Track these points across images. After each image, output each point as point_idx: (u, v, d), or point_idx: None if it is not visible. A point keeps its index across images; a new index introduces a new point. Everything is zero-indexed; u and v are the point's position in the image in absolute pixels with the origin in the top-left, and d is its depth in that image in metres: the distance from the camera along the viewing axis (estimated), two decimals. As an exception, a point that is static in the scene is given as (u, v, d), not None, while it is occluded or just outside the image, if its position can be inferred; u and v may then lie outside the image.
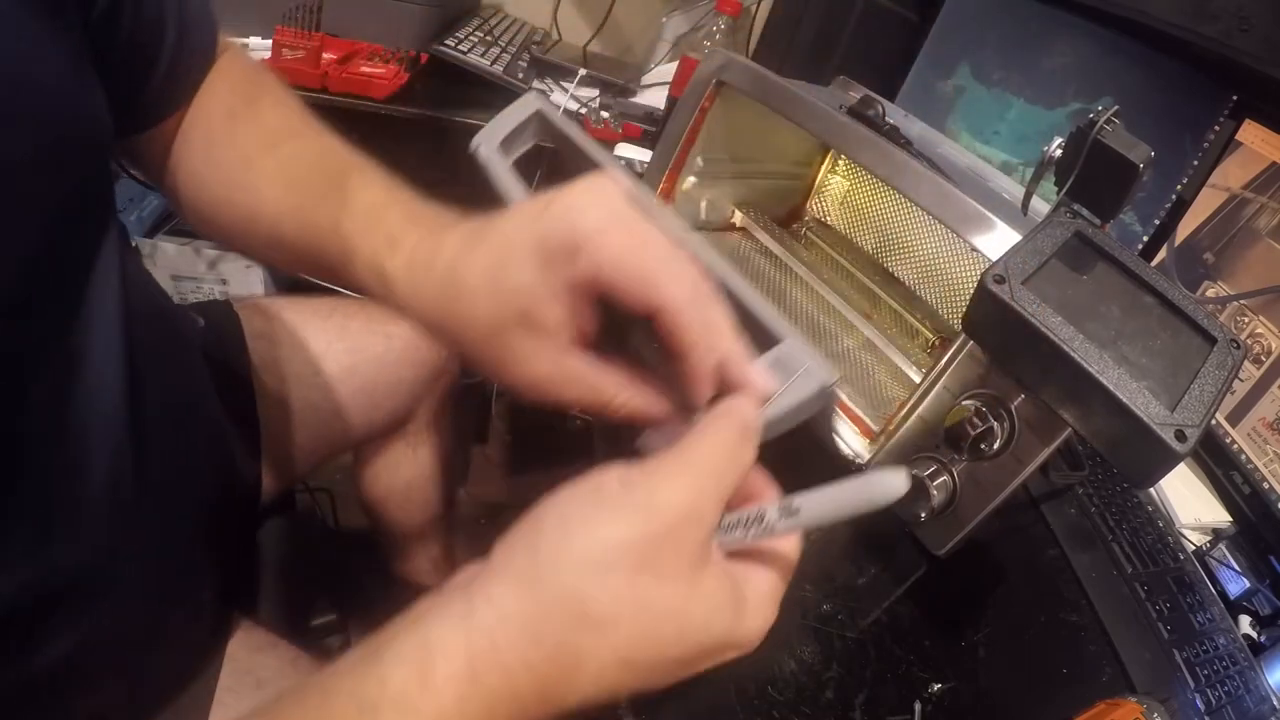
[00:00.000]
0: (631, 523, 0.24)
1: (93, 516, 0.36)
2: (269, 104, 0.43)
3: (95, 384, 0.34)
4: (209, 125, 0.42)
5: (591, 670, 0.24)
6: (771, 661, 0.44)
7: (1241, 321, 0.76)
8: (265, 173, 0.39)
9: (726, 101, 0.72)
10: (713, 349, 0.28)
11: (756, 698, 0.42)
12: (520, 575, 0.24)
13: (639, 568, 0.23)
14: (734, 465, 0.26)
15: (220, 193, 0.41)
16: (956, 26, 1.04)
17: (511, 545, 0.25)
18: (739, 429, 0.27)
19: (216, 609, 0.50)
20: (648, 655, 0.24)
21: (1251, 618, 0.64)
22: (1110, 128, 0.46)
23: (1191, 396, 0.41)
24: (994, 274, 0.45)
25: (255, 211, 0.39)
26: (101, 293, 0.35)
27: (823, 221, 0.93)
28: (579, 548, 0.24)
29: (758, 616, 0.26)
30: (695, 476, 0.25)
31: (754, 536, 0.26)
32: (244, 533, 0.62)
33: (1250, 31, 0.69)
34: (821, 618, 0.48)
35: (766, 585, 0.27)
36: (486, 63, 1.05)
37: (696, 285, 0.29)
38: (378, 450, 0.78)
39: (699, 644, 0.25)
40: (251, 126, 0.42)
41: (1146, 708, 0.44)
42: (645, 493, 0.24)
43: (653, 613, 0.24)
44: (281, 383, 0.63)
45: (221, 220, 0.41)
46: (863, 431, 0.61)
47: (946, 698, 0.46)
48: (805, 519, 0.25)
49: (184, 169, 0.42)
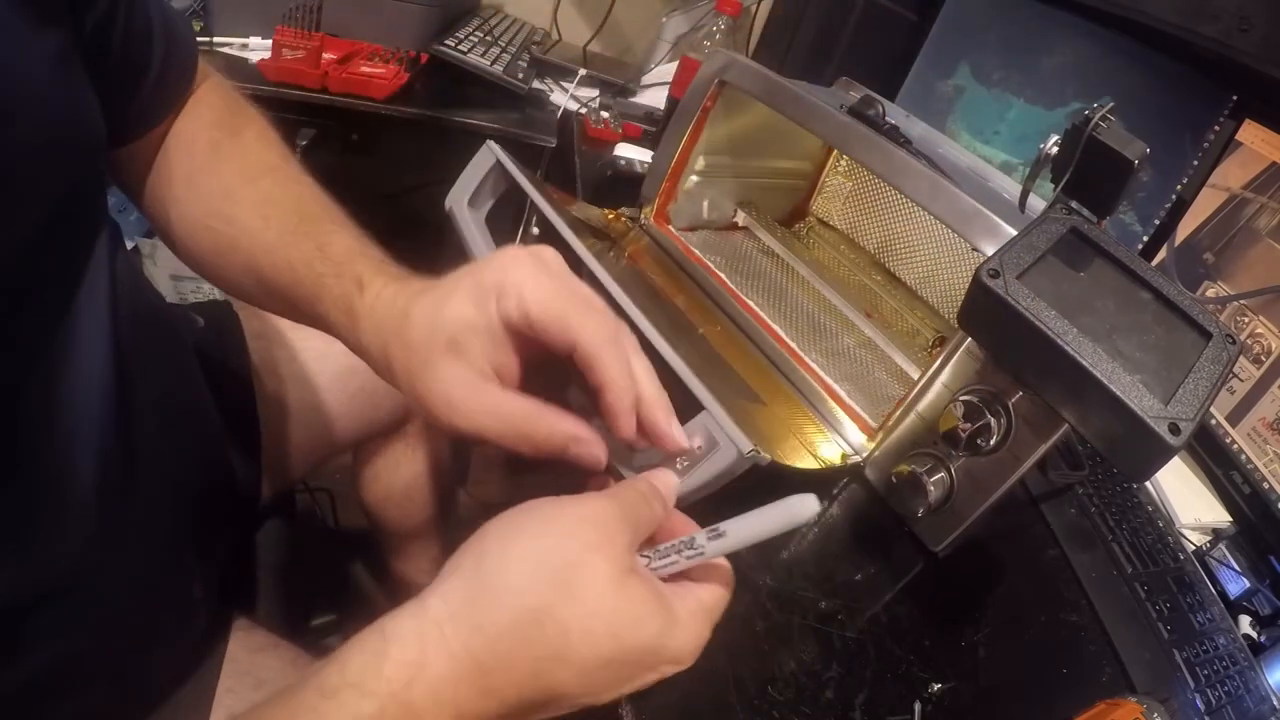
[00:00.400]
0: (561, 532, 0.28)
1: (80, 513, 0.36)
2: (252, 137, 0.45)
3: (83, 382, 0.35)
4: (192, 153, 0.43)
5: (528, 660, 0.26)
6: (771, 661, 0.44)
7: (1241, 321, 0.76)
8: (245, 205, 0.41)
9: (728, 101, 0.72)
10: (628, 388, 0.32)
11: (756, 698, 0.42)
12: (467, 576, 0.27)
13: (569, 567, 0.27)
14: (644, 505, 0.30)
15: (200, 220, 0.42)
16: (956, 26, 1.04)
17: (462, 553, 0.28)
18: (649, 485, 0.32)
19: (212, 608, 0.50)
20: (583, 651, 0.26)
21: (1251, 618, 0.64)
22: (1106, 124, 0.46)
23: (1186, 390, 0.42)
24: (989, 268, 0.45)
25: (233, 242, 0.41)
26: (91, 292, 0.35)
27: (825, 221, 0.93)
28: (517, 552, 0.27)
29: (689, 630, 0.29)
30: (609, 501, 0.29)
31: (687, 559, 0.29)
32: (241, 532, 0.62)
33: (1250, 31, 0.69)
34: (821, 617, 0.48)
35: (695, 603, 0.30)
36: (486, 63, 1.05)
37: (613, 328, 0.32)
38: (377, 451, 0.78)
39: (632, 645, 0.27)
40: (234, 159, 0.43)
41: (1146, 708, 0.44)
42: (574, 506, 0.29)
43: (586, 608, 0.26)
44: (281, 383, 0.63)
45: (200, 247, 0.43)
46: (862, 428, 0.62)
47: (946, 698, 0.46)
48: (731, 540, 0.29)
49: (168, 194, 0.44)
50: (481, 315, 0.32)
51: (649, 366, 0.34)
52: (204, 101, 0.45)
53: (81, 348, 0.34)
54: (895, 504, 0.57)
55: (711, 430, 0.34)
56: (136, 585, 0.41)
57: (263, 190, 0.42)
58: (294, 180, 0.43)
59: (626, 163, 1.01)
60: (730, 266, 0.76)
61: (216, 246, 0.42)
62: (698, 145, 0.75)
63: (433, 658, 0.25)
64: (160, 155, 0.44)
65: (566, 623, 0.26)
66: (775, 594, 0.48)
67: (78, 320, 0.34)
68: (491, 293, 0.32)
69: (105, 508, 0.37)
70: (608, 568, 0.27)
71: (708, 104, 0.71)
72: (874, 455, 0.59)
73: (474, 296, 0.32)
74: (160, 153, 0.44)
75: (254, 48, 0.95)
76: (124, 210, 1.08)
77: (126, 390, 0.38)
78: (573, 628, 0.26)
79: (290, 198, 0.41)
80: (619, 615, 0.27)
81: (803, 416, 0.63)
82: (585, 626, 0.26)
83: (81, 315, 0.34)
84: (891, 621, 0.50)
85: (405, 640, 0.26)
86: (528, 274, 0.32)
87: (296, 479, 0.68)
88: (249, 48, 0.95)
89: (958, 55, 1.03)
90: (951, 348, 0.55)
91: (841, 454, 0.60)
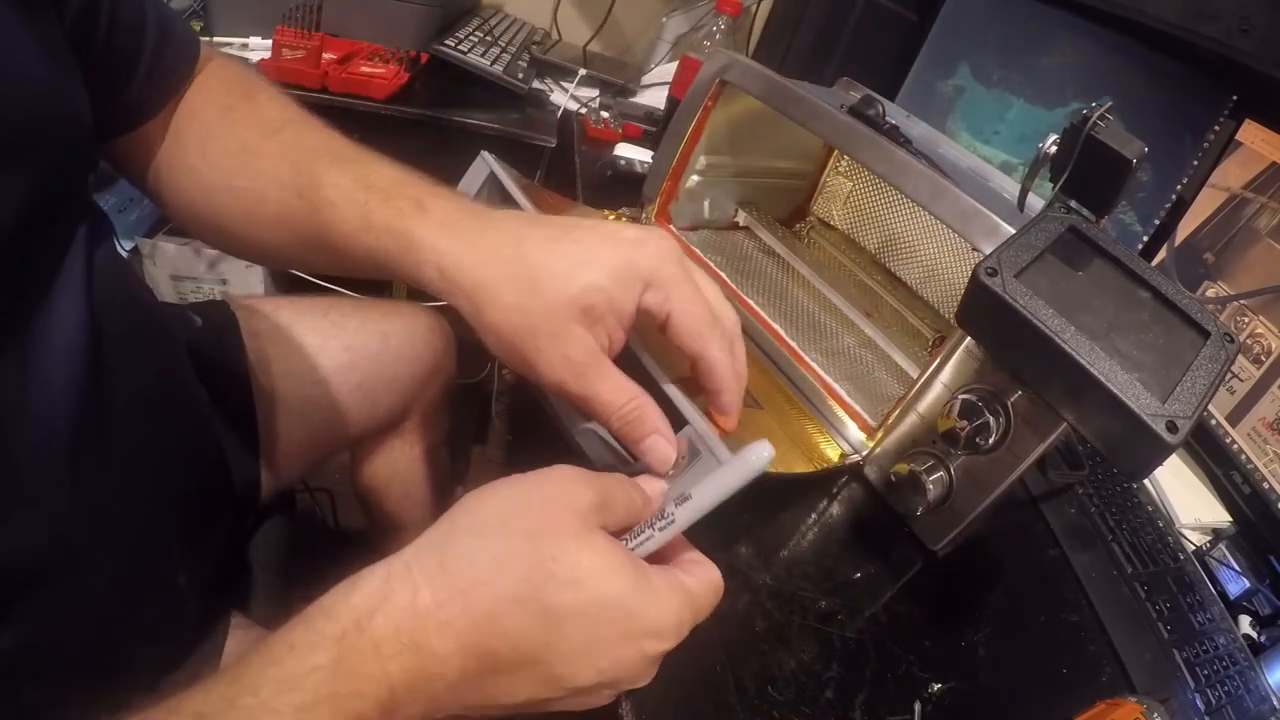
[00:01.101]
0: (531, 484, 0.29)
1: (53, 492, 0.35)
2: (265, 99, 0.43)
3: (55, 369, 0.34)
4: (205, 120, 0.42)
5: (488, 599, 0.26)
6: (771, 661, 0.44)
7: (1241, 321, 0.76)
8: (270, 156, 0.40)
9: (729, 101, 0.72)
10: (734, 403, 0.36)
11: (756, 698, 0.42)
12: (441, 526, 0.29)
13: (535, 515, 0.28)
14: (618, 485, 0.31)
15: (220, 182, 0.41)
16: (956, 26, 1.04)
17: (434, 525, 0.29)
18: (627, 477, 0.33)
19: (204, 601, 0.50)
20: (543, 597, 0.26)
21: (1251, 618, 0.64)
22: (1104, 124, 0.46)
23: (1183, 389, 0.42)
24: (987, 266, 0.45)
25: (260, 195, 0.39)
26: (67, 282, 0.35)
27: (826, 221, 0.93)
28: (487, 505, 0.29)
29: (666, 602, 0.28)
30: (580, 469, 0.30)
31: (661, 529, 0.30)
32: (237, 528, 0.62)
33: (1250, 31, 0.69)
34: (821, 616, 0.48)
35: (675, 580, 0.30)
36: (486, 63, 1.05)
37: (731, 340, 0.35)
38: (374, 448, 0.78)
39: (598, 598, 0.27)
40: (250, 118, 0.42)
41: (1146, 708, 0.44)
42: (547, 470, 0.30)
43: (547, 551, 0.27)
44: (278, 379, 0.63)
45: (224, 212, 0.42)
46: (861, 427, 0.62)
47: (946, 698, 0.46)
48: (700, 501, 0.30)
49: (179, 166, 0.43)
50: (623, 296, 0.32)
51: (744, 374, 0.36)
52: (212, 75, 0.45)
53: (54, 337, 0.34)
54: (895, 503, 0.57)
55: (695, 443, 0.35)
56: (115, 573, 0.40)
57: (286, 140, 0.40)
58: (318, 129, 0.42)
59: (627, 163, 1.01)
60: (731, 266, 0.76)
61: (242, 207, 0.41)
62: (698, 145, 0.75)
63: (397, 590, 0.26)
64: (169, 134, 0.43)
65: (528, 565, 0.26)
66: (775, 594, 0.48)
67: (53, 305, 0.34)
68: (639, 279, 0.32)
69: (79, 490, 0.36)
70: (571, 518, 0.28)
71: (708, 104, 0.71)
72: (873, 454, 0.59)
73: (620, 275, 0.32)
74: (169, 132, 0.43)
75: (254, 48, 0.95)
76: (124, 210, 1.09)
77: (103, 381, 0.37)
78: (534, 572, 0.26)
79: (318, 142, 0.40)
80: (582, 562, 0.27)
81: (802, 416, 0.63)
82: (547, 570, 0.26)
83: (57, 303, 0.34)
84: (891, 621, 0.50)
85: (373, 575, 0.27)
86: (677, 274, 0.33)
87: (297, 477, 0.68)
88: (249, 48, 0.95)
89: (958, 55, 1.03)
90: (951, 347, 0.55)
91: (841, 453, 0.61)
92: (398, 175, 0.37)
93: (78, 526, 0.37)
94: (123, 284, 0.41)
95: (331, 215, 0.36)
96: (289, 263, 0.43)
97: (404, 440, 0.78)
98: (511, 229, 0.33)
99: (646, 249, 0.33)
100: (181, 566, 0.46)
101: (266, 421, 0.61)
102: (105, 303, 0.37)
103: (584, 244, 0.33)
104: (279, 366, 0.63)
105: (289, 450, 0.64)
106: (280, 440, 0.63)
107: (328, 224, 0.37)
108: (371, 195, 0.35)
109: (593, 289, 0.32)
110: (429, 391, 0.77)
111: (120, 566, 0.41)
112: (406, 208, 0.34)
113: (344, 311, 0.69)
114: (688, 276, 0.34)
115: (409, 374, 0.73)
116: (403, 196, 0.35)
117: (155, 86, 0.41)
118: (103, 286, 0.37)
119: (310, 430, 0.65)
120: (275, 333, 0.64)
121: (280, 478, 0.64)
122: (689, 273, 0.34)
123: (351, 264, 0.37)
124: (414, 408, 0.76)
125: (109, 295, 0.38)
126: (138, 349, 0.41)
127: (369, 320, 0.70)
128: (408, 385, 0.73)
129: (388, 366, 0.70)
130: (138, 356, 0.41)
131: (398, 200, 0.35)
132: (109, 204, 1.05)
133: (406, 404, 0.75)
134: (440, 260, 0.33)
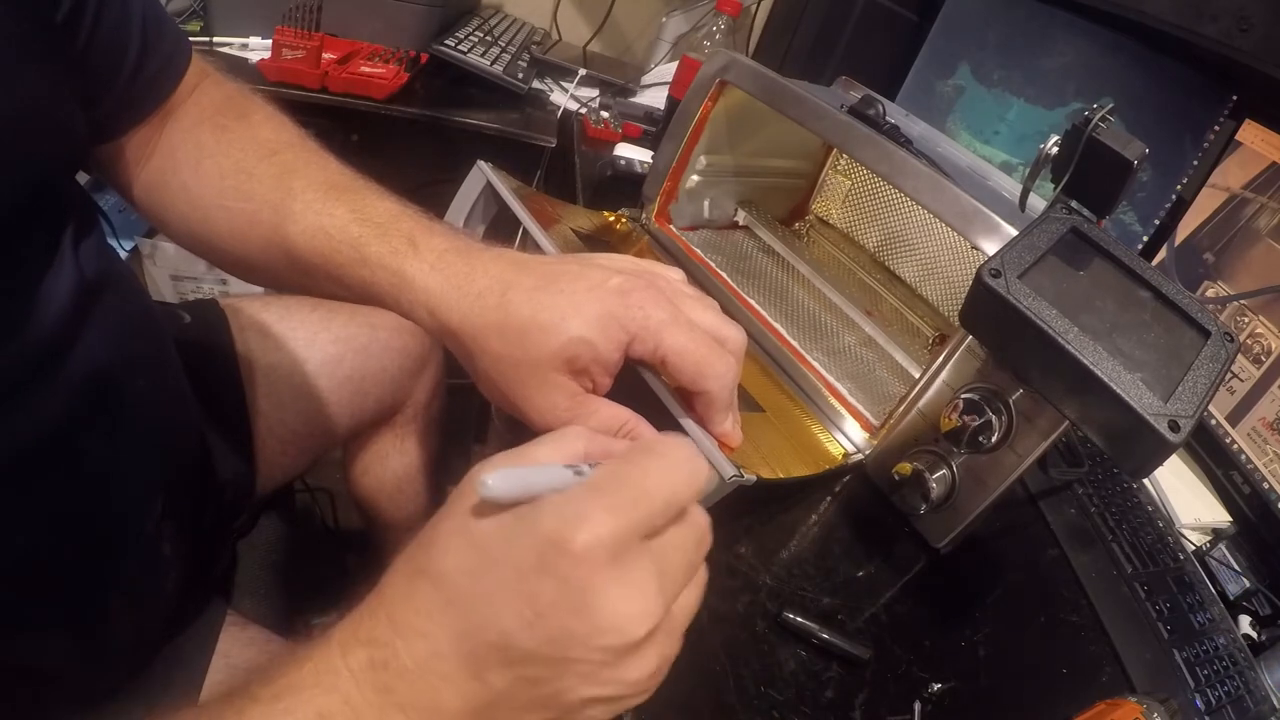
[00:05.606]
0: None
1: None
2: (261, 119, 0.44)
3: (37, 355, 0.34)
4: (198, 139, 0.43)
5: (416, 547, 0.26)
6: (771, 661, 0.44)
7: (1241, 321, 0.76)
8: (264, 180, 0.40)
9: (729, 101, 0.72)
10: (730, 433, 0.37)
11: (756, 698, 0.42)
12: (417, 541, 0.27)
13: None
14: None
15: (213, 201, 0.41)
16: (956, 26, 1.04)
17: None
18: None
19: (185, 577, 0.50)
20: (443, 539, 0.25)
21: (1251, 618, 0.64)
22: (1105, 125, 0.46)
23: (1185, 388, 0.42)
24: (990, 268, 0.45)
25: (252, 218, 0.40)
26: (56, 272, 0.35)
27: (825, 220, 0.93)
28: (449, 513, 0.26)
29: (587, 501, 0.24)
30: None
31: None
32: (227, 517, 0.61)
33: (1250, 31, 0.69)
34: (822, 616, 0.48)
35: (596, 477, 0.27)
36: (486, 63, 1.05)
37: (734, 376, 0.35)
38: (366, 443, 0.78)
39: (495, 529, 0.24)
40: (245, 139, 0.42)
41: (1146, 708, 0.44)
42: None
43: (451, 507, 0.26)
44: (268, 372, 0.63)
45: (215, 231, 0.42)
46: (863, 426, 0.62)
47: (946, 698, 0.46)
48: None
49: (172, 184, 0.43)
50: (608, 347, 0.32)
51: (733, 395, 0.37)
52: (205, 94, 0.45)
53: (43, 329, 0.34)
54: (897, 501, 0.57)
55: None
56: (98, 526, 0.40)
57: (282, 163, 0.40)
58: (315, 154, 0.42)
59: (626, 163, 1.01)
60: (731, 266, 0.76)
61: (233, 227, 0.41)
62: (698, 145, 0.75)
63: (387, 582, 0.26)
64: (162, 151, 0.43)
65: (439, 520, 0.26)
66: (775, 593, 0.48)
67: (40, 298, 0.34)
68: (624, 331, 0.32)
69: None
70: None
71: (708, 104, 0.71)
72: (876, 453, 0.59)
73: (603, 327, 0.32)
74: (161, 148, 0.43)
75: (254, 48, 0.95)
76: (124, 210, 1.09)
77: (90, 371, 0.37)
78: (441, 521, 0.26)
79: (314, 169, 0.40)
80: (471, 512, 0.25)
81: (805, 415, 0.63)
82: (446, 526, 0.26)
83: (44, 295, 0.34)
84: (891, 621, 0.50)
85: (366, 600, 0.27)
86: (665, 320, 0.33)
87: (291, 473, 0.68)
88: (249, 48, 0.95)
89: (958, 55, 1.03)
90: (953, 346, 0.55)
91: (843, 452, 0.61)
92: (393, 209, 0.37)
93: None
94: (111, 278, 0.41)
95: (325, 245, 0.37)
96: (280, 284, 0.43)
97: (395, 434, 0.78)
98: (498, 274, 0.34)
99: (630, 300, 0.33)
100: (165, 535, 0.46)
101: (256, 414, 0.62)
102: (93, 296, 0.37)
103: (567, 294, 0.33)
104: (268, 359, 0.63)
105: (281, 442, 0.64)
106: (272, 434, 0.63)
107: (321, 254, 0.37)
108: (366, 229, 0.36)
109: (576, 342, 0.32)
110: (418, 384, 0.77)
111: (103, 524, 0.41)
112: (400, 246, 0.35)
113: (332, 306, 0.69)
114: (677, 317, 0.33)
115: (397, 365, 0.73)
116: (397, 233, 0.36)
117: (141, 87, 0.41)
118: (91, 280, 0.37)
119: (301, 421, 0.65)
120: (264, 327, 0.65)
121: (274, 473, 0.64)
122: (680, 311, 0.33)
123: (345, 293, 0.38)
124: (405, 402, 0.77)
125: (97, 289, 0.38)
126: (125, 343, 0.41)
127: (357, 313, 0.70)
128: (396, 376, 0.74)
129: (375, 358, 0.71)
130: (125, 349, 0.41)
131: (393, 237, 0.35)
132: (109, 203, 1.05)
133: (396, 396, 0.75)
134: (429, 302, 0.34)
